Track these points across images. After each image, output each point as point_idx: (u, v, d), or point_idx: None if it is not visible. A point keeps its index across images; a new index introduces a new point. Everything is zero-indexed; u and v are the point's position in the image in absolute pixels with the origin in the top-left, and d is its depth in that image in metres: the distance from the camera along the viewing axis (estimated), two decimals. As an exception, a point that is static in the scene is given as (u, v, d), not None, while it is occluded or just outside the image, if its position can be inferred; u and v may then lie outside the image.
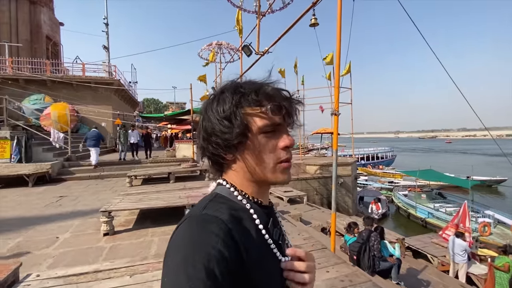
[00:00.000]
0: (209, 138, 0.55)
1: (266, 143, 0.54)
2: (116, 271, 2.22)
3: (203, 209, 0.50)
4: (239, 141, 0.52)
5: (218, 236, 0.43)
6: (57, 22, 22.00)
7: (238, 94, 0.53)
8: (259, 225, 0.54)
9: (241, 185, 0.57)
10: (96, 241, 3.80)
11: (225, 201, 0.53)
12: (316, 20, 3.97)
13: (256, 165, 0.54)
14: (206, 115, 0.56)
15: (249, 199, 0.56)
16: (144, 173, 8.56)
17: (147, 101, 59.20)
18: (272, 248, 0.55)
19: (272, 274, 0.53)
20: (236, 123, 0.52)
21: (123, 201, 4.62)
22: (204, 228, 0.45)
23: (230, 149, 0.54)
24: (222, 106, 0.53)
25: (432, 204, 13.94)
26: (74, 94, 16.79)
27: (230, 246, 0.44)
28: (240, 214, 0.52)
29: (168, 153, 13.17)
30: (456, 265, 6.51)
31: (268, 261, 0.53)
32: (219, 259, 0.41)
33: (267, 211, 0.58)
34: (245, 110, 0.53)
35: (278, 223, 0.62)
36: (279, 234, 0.59)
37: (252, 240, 0.50)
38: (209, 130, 0.55)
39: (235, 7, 6.62)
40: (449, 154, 60.15)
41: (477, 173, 20.78)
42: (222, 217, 0.47)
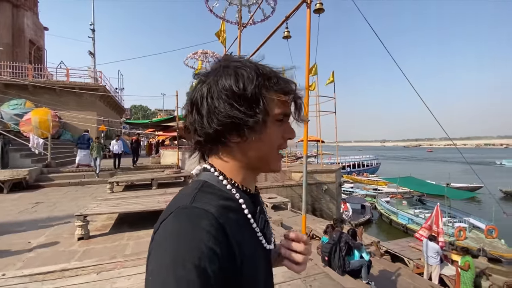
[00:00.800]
0: (213, 114, 0.50)
1: (276, 130, 0.53)
2: (84, 269, 2.27)
3: (191, 201, 0.46)
4: (255, 121, 0.49)
5: (210, 233, 0.41)
6: (41, 27, 21.71)
7: (262, 76, 0.51)
8: (247, 215, 0.52)
9: (230, 172, 0.54)
10: (70, 245, 3.79)
11: (214, 190, 0.50)
12: (288, 33, 4.22)
13: (261, 151, 0.53)
14: (213, 87, 0.51)
15: (238, 187, 0.54)
16: (126, 180, 8.48)
17: (135, 108, 58.49)
18: (259, 236, 0.54)
19: (260, 264, 0.53)
20: (259, 106, 0.49)
21: (100, 205, 4.62)
22: (194, 224, 0.42)
23: (238, 130, 0.50)
24: (241, 82, 0.49)
25: (412, 210, 14.39)
26: (57, 99, 16.50)
27: (222, 242, 0.42)
28: (231, 205, 0.49)
29: (153, 159, 13.08)
30: (430, 267, 6.78)
31: (257, 252, 0.52)
32: (211, 257, 0.39)
33: (254, 199, 0.57)
34: (269, 94, 0.51)
35: (263, 210, 0.60)
36: (264, 221, 0.58)
37: (244, 234, 0.49)
38: (217, 104, 0.49)
39: (218, 18, 6.86)
40: (431, 162, 62.23)
41: (455, 180, 21.63)
42: (213, 211, 0.44)
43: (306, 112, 3.62)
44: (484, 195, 16.69)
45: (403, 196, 17.15)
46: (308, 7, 3.64)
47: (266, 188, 11.20)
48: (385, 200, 17.18)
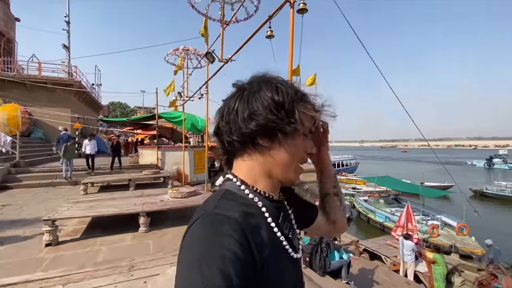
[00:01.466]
0: (253, 117, 0.54)
1: (301, 143, 0.57)
2: (48, 280, 2.10)
3: (214, 208, 0.49)
4: (289, 131, 0.54)
5: (232, 237, 0.43)
6: (12, 18, 20.26)
7: (298, 93, 0.57)
8: (271, 223, 0.54)
9: (253, 178, 0.57)
10: (37, 252, 3.53)
11: (235, 197, 0.53)
12: (271, 33, 4.17)
13: (285, 159, 0.56)
14: (256, 94, 0.55)
15: (260, 194, 0.56)
16: (101, 180, 8.10)
17: (113, 105, 56.21)
18: (284, 245, 0.55)
19: (285, 272, 0.53)
20: (294, 116, 0.54)
21: (71, 209, 4.35)
22: (217, 229, 0.44)
23: (271, 134, 0.54)
24: (281, 94, 0.54)
25: (389, 209, 14.92)
26: (27, 95, 15.50)
27: (244, 246, 0.43)
28: (251, 211, 0.51)
29: (131, 159, 12.60)
30: (406, 264, 7.04)
31: (281, 257, 0.53)
32: (234, 260, 0.41)
33: (278, 206, 0.59)
34: (302, 108, 0.56)
35: (289, 217, 0.62)
36: (290, 228, 0.59)
37: (264, 238, 0.49)
38: (256, 108, 0.54)
39: (200, 14, 6.69)
40: (405, 162, 64.97)
41: (428, 180, 22.70)
42: (235, 216, 0.47)
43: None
44: (456, 193, 17.63)
45: (380, 195, 17.76)
46: (292, 7, 3.61)
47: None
48: (363, 199, 17.71)
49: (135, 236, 4.18)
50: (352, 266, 5.45)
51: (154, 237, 4.20)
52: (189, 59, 10.99)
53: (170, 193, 5.33)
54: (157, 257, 2.54)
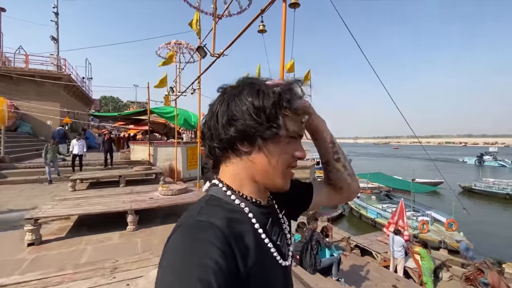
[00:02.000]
0: (231, 122, 0.52)
1: (287, 147, 0.54)
2: (25, 284, 2.00)
3: (197, 215, 0.47)
4: (269, 136, 0.51)
5: (214, 245, 0.41)
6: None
7: (282, 95, 0.53)
8: (258, 229, 0.52)
9: (239, 184, 0.55)
10: (18, 253, 3.40)
11: (220, 203, 0.51)
12: (264, 27, 4.08)
13: (273, 165, 0.53)
14: (236, 98, 0.53)
15: (246, 199, 0.54)
16: (90, 177, 7.93)
17: (105, 99, 55.23)
18: (272, 252, 0.53)
19: (272, 279, 0.51)
20: (276, 120, 0.51)
21: (56, 206, 4.22)
22: (198, 237, 0.42)
23: (253, 139, 0.52)
24: (262, 97, 0.51)
25: (380, 205, 15.10)
26: (14, 88, 15.02)
27: (227, 254, 0.42)
28: (237, 217, 0.50)
29: (122, 155, 12.39)
30: (396, 260, 7.12)
31: (268, 266, 0.51)
32: (216, 270, 0.39)
33: (266, 211, 0.57)
34: (286, 111, 0.53)
35: (278, 222, 0.60)
36: (279, 234, 0.58)
37: (250, 245, 0.48)
38: (236, 113, 0.51)
39: (191, 7, 6.53)
40: (397, 159, 65.85)
41: (419, 176, 23.05)
42: (218, 224, 0.45)
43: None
44: (445, 190, 17.96)
45: (372, 191, 17.96)
46: (284, 1, 3.53)
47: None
48: (355, 195, 17.87)
49: (122, 234, 4.09)
50: (342, 263, 5.48)
51: (142, 235, 4.11)
52: (181, 53, 10.77)
53: (160, 190, 5.23)
54: (141, 258, 2.46)
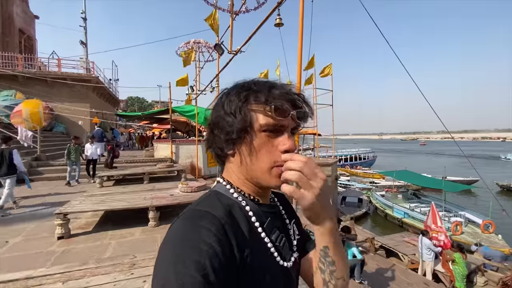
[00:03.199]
0: (214, 131, 0.55)
1: (266, 143, 0.51)
2: (49, 277, 2.09)
3: (196, 205, 0.49)
4: (238, 135, 0.51)
5: (210, 231, 0.42)
6: (31, 15, 21.03)
7: (247, 90, 0.53)
8: (255, 223, 0.52)
9: (239, 182, 0.56)
10: (48, 245, 3.60)
11: (221, 197, 0.53)
12: (280, 20, 3.96)
13: (251, 163, 0.52)
14: (215, 108, 0.56)
15: (245, 196, 0.55)
16: (117, 174, 8.29)
17: (131, 100, 57.76)
18: (270, 247, 0.52)
19: (272, 277, 0.50)
20: (239, 117, 0.51)
21: (83, 202, 4.43)
22: (195, 223, 0.43)
23: (230, 143, 0.53)
24: (230, 100, 0.53)
25: (408, 204, 14.36)
26: (48, 91, 16.10)
27: (223, 242, 0.42)
28: (235, 210, 0.50)
29: (147, 153, 12.86)
30: (424, 263, 6.72)
31: (265, 261, 0.50)
32: (212, 254, 0.40)
33: (266, 210, 0.56)
34: (251, 106, 0.52)
35: (281, 225, 0.60)
36: (279, 236, 0.56)
37: (246, 238, 0.48)
38: (215, 123, 0.55)
39: (209, 5, 6.53)
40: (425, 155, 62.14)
41: (450, 174, 21.64)
42: (215, 212, 0.46)
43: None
44: (481, 189, 16.66)
45: (398, 189, 17.13)
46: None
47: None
48: (380, 194, 17.16)
49: (144, 230, 4.20)
50: (366, 264, 5.24)
51: (163, 232, 4.20)
52: (200, 52, 10.90)
53: (180, 187, 5.32)
54: (159, 255, 2.48)
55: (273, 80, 0.56)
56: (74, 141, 8.17)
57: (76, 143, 8.14)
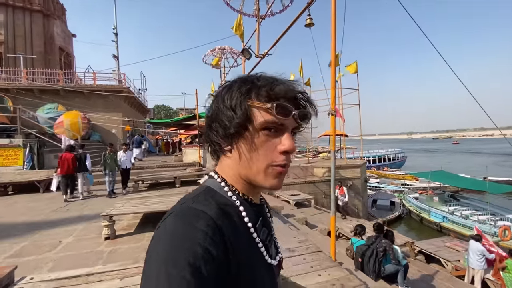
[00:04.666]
0: (211, 124, 0.54)
1: (265, 141, 0.50)
2: (107, 274, 2.22)
3: (191, 203, 0.47)
4: (237, 130, 0.50)
5: (206, 233, 0.41)
6: (69, 34, 22.86)
7: (248, 85, 0.51)
8: (248, 223, 0.51)
9: (232, 180, 0.55)
10: (97, 245, 3.85)
11: (215, 195, 0.51)
12: (311, 20, 3.93)
13: (249, 161, 0.51)
14: (214, 101, 0.55)
15: (239, 195, 0.54)
16: (150, 178, 8.67)
17: (158, 108, 60.32)
18: (260, 247, 0.53)
19: (261, 277, 0.51)
20: (238, 112, 0.50)
21: (125, 205, 4.68)
22: (190, 223, 0.42)
23: (227, 138, 0.52)
24: (231, 94, 0.51)
25: (446, 208, 13.42)
26: (85, 102, 17.30)
27: (218, 244, 0.41)
28: (229, 210, 0.49)
29: (176, 157, 13.33)
30: (472, 270, 6.21)
31: (256, 261, 0.51)
32: (207, 258, 0.39)
33: (257, 210, 0.56)
34: (252, 102, 0.50)
35: (267, 223, 0.60)
36: (267, 234, 0.57)
37: (240, 239, 0.48)
38: (214, 116, 0.53)
39: (235, 11, 6.67)
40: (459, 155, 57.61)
41: (492, 174, 19.94)
42: (210, 213, 0.45)
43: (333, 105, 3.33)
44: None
45: (434, 192, 16.09)
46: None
47: (288, 185, 10.98)
48: (413, 196, 16.23)
49: (182, 232, 4.33)
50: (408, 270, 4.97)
51: (199, 233, 4.31)
52: (225, 58, 11.15)
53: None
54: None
55: (278, 75, 0.54)
56: (110, 148, 7.93)
57: (111, 150, 7.91)
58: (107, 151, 7.78)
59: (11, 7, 18.05)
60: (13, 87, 15.41)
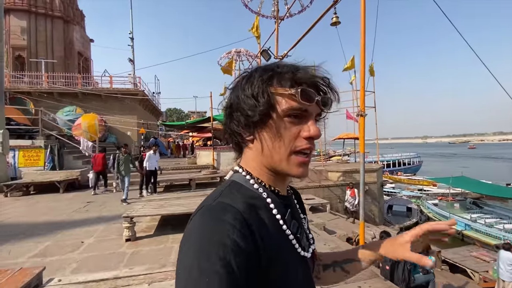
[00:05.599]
0: (232, 114, 0.53)
1: (288, 128, 0.49)
2: (135, 278, 2.16)
3: (217, 198, 0.46)
4: (260, 119, 0.49)
5: (234, 226, 0.40)
6: (87, 39, 23.57)
7: (270, 72, 0.50)
8: (276, 215, 0.50)
9: (257, 172, 0.53)
10: (118, 247, 3.83)
11: (241, 189, 0.50)
12: (337, 19, 3.82)
13: (272, 150, 0.50)
14: (234, 91, 0.54)
15: (265, 187, 0.53)
16: (166, 180, 8.70)
17: (170, 111, 61.30)
18: (291, 239, 0.52)
19: (293, 269, 0.50)
20: (261, 100, 0.48)
21: (145, 207, 4.66)
22: (218, 217, 0.42)
23: (250, 127, 0.51)
24: (252, 82, 0.50)
25: (469, 215, 12.84)
26: (102, 105, 17.71)
27: (246, 236, 0.41)
28: (257, 203, 0.48)
29: (189, 160, 13.38)
30: (503, 282, 5.84)
31: (287, 254, 0.50)
32: (236, 250, 0.38)
33: (285, 202, 0.55)
34: (275, 89, 0.49)
35: (297, 215, 0.59)
36: (298, 227, 0.56)
37: (269, 231, 0.47)
38: (234, 105, 0.52)
39: (253, 13, 6.64)
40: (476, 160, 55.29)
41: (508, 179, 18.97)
42: (237, 206, 0.44)
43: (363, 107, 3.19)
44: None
45: (454, 198, 15.45)
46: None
47: (301, 189, 10.78)
48: (432, 203, 15.64)
49: (201, 235, 4.27)
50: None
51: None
52: (241, 61, 11.15)
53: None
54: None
55: (297, 62, 0.53)
56: (124, 149, 7.31)
57: (126, 151, 7.30)
58: (122, 151, 7.21)
59: (33, 14, 18.80)
60: (35, 90, 15.97)
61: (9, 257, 3.47)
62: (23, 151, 9.29)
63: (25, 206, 6.53)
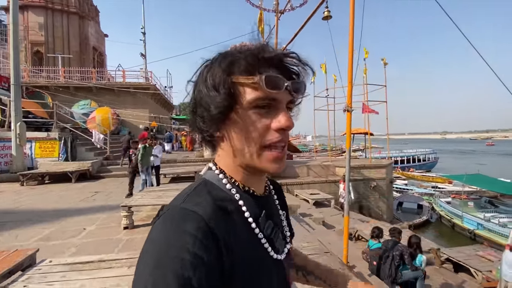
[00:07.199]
0: (196, 110, 0.48)
1: (256, 121, 0.44)
2: (118, 261, 2.32)
3: (182, 202, 0.43)
4: (223, 113, 0.45)
5: (195, 237, 0.37)
6: (102, 34, 24.26)
7: (229, 57, 0.45)
8: (248, 218, 0.47)
9: (231, 169, 0.50)
10: (116, 234, 4.06)
11: (211, 189, 0.47)
12: (329, 13, 3.78)
13: (241, 146, 0.46)
14: (195, 83, 0.49)
15: (239, 187, 0.49)
16: (172, 172, 8.97)
17: (183, 105, 62.17)
18: (263, 243, 0.48)
19: (265, 273, 0.47)
20: (222, 92, 0.43)
21: (144, 197, 4.87)
22: (178, 227, 0.39)
23: (214, 123, 0.46)
24: (212, 71, 0.45)
25: (482, 214, 12.38)
26: (116, 99, 18.28)
27: (209, 247, 0.38)
28: (228, 206, 0.45)
29: (197, 153, 13.65)
30: (505, 282, 5.68)
31: (259, 259, 0.47)
32: (196, 264, 0.36)
33: (260, 202, 0.51)
34: (236, 78, 0.43)
35: (276, 212, 0.57)
36: (272, 227, 0.52)
37: (239, 237, 0.44)
38: (197, 100, 0.47)
39: (254, 7, 6.63)
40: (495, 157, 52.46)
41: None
42: (202, 212, 0.41)
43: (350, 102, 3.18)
44: None
45: (469, 196, 14.91)
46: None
47: (308, 184, 10.80)
48: (445, 201, 15.17)
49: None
50: (428, 278, 4.68)
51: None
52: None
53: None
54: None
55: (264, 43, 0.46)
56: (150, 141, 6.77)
57: (151, 143, 6.75)
58: (148, 143, 6.64)
59: (50, 10, 19.52)
60: (52, 84, 16.69)
61: (16, 241, 3.77)
62: (39, 142, 9.83)
63: (39, 195, 6.96)
